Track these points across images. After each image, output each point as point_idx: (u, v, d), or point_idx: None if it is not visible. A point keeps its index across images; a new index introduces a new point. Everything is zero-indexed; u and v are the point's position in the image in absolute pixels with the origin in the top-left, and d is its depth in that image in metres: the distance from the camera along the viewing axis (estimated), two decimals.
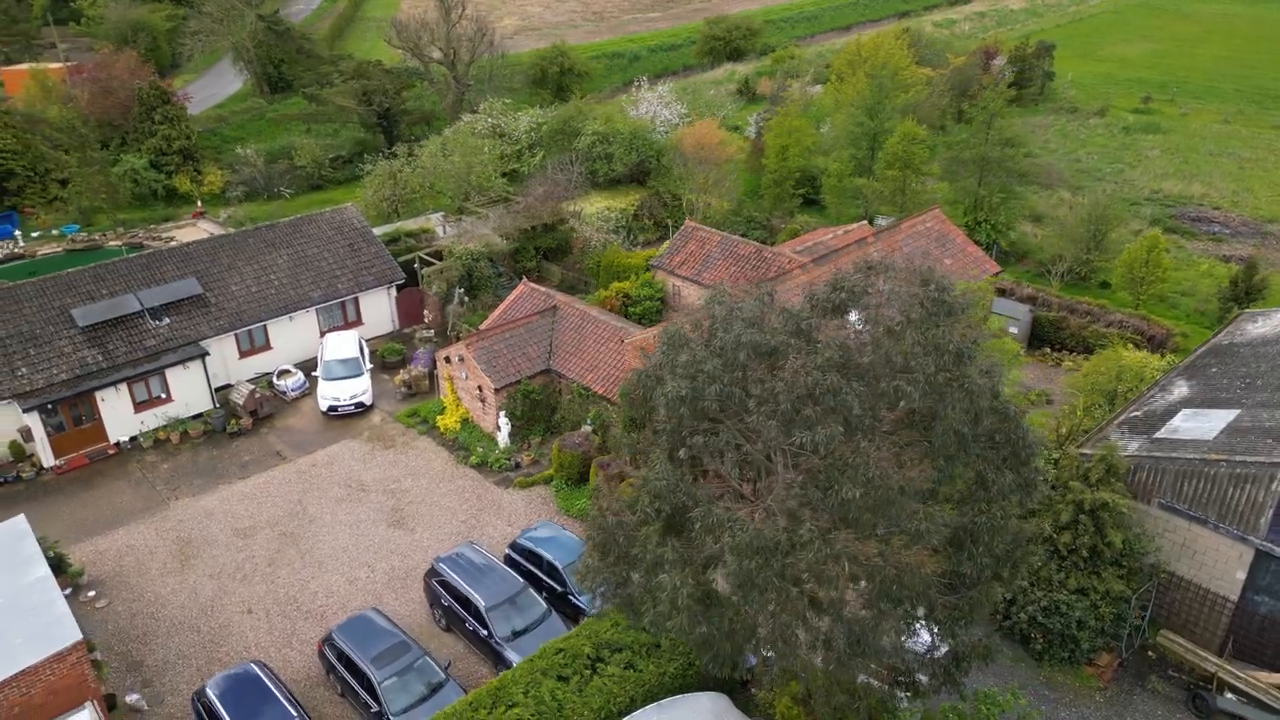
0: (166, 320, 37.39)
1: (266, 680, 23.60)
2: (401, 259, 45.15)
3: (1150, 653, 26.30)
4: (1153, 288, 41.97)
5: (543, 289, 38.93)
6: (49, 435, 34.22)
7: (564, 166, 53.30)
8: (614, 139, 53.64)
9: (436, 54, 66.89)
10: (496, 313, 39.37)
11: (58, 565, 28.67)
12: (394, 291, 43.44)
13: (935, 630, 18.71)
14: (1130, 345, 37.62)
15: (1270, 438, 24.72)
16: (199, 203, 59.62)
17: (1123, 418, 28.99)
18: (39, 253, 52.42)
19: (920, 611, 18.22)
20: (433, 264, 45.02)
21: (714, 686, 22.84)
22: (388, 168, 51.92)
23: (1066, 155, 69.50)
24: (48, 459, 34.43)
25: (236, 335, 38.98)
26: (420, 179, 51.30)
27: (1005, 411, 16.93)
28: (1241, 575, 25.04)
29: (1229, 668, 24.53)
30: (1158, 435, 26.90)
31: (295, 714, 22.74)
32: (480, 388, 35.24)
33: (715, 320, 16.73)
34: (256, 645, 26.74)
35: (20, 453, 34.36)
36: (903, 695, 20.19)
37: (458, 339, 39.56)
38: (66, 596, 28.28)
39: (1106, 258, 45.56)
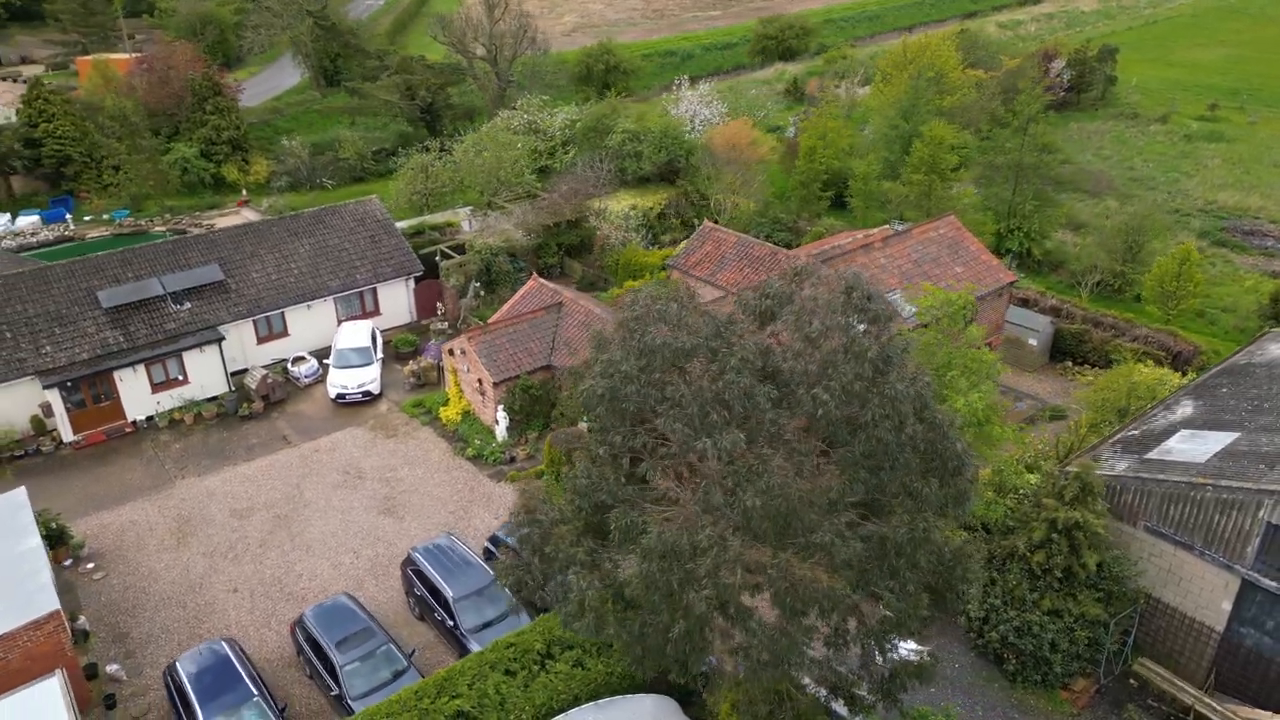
0: (188, 304, 38.61)
1: (234, 658, 24.23)
2: (423, 252, 45.86)
3: (1132, 680, 25.40)
4: (1184, 302, 40.38)
5: (551, 285, 39.14)
6: (68, 411, 35.62)
7: (593, 164, 53.49)
8: (644, 137, 53.61)
9: (480, 50, 67.66)
10: (506, 307, 39.73)
11: (59, 537, 29.89)
12: (412, 283, 44.13)
13: (872, 644, 18.36)
14: (1151, 362, 36.34)
15: (1263, 463, 23.65)
16: (244, 191, 61.37)
17: (1119, 436, 28.01)
18: (88, 235, 54.58)
19: (852, 624, 17.94)
20: (452, 257, 45.61)
21: (666, 690, 22.75)
22: (419, 161, 52.72)
23: (1121, 163, 67.28)
24: (67, 434, 35.86)
25: (255, 321, 40.05)
26: (450, 173, 51.97)
27: (933, 421, 16.52)
28: (1228, 606, 24.02)
29: (1207, 700, 23.57)
30: (1149, 456, 25.94)
31: (256, 693, 23.32)
32: (481, 381, 35.64)
33: (635, 321, 16.66)
34: (237, 623, 27.49)
35: (41, 427, 35.86)
36: (841, 708, 19.89)
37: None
38: (66, 567, 29.69)
39: (1142, 270, 44.00)
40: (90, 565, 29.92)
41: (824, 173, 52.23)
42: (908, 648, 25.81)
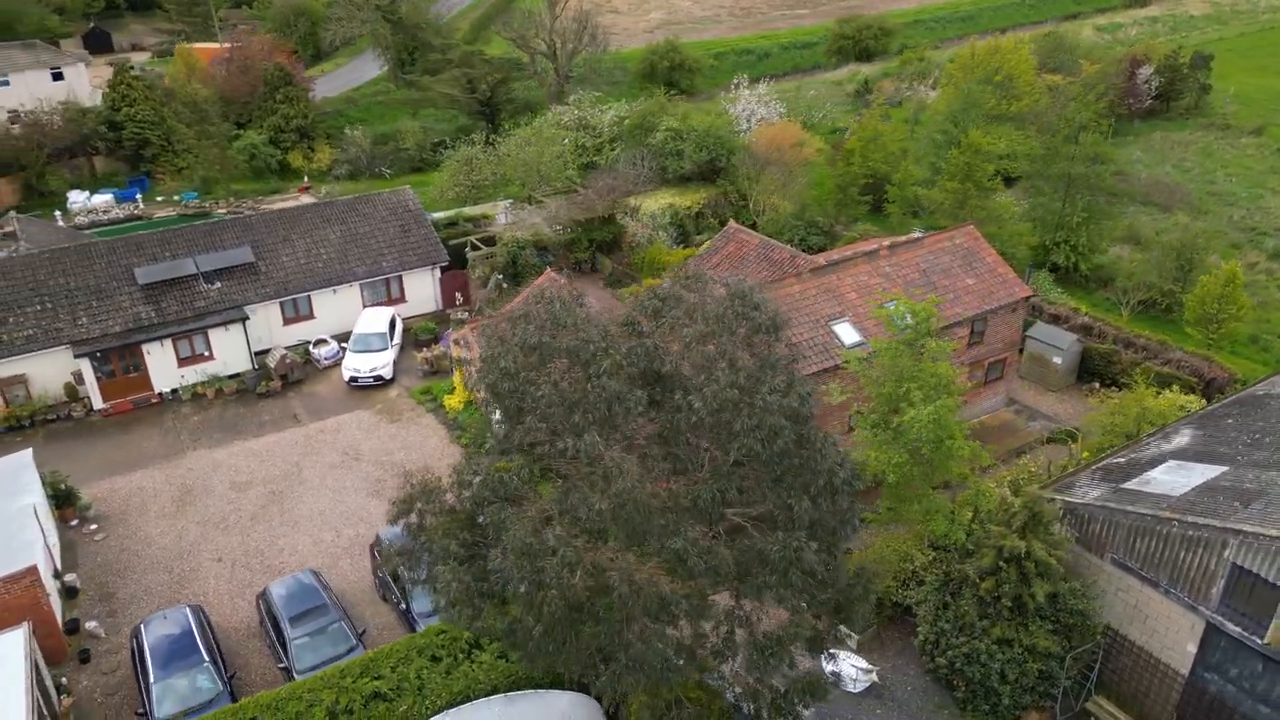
0: (218, 284, 40.36)
1: (193, 624, 25.32)
2: (453, 242, 46.77)
3: (1093, 718, 24.25)
4: (1225, 326, 38.10)
5: (563, 279, 39.42)
6: (98, 380, 37.70)
7: (635, 162, 53.60)
8: (686, 136, 53.42)
9: (541, 46, 68.49)
10: (519, 299, 40.20)
11: (67, 497, 31.71)
12: (438, 273, 45.07)
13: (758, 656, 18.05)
14: (1176, 387, 34.41)
15: (1239, 500, 22.21)
16: (305, 178, 63.67)
17: (1104, 463, 26.69)
18: (155, 215, 57.55)
19: (740, 635, 17.70)
20: (481, 249, 46.39)
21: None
22: (464, 154, 53.75)
23: (1202, 176, 63.80)
24: (97, 402, 37.97)
25: (282, 303, 41.58)
26: (492, 167, 52.82)
27: (808, 437, 16.12)
28: (1192, 649, 22.67)
29: None
30: (1125, 486, 24.63)
31: (207, 659, 24.34)
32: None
33: (520, 319, 16.76)
34: (214, 591, 28.70)
35: (74, 394, 38.04)
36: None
37: None
38: (72, 527, 31.44)
39: (1191, 291, 41.71)
40: (94, 526, 31.65)
41: (864, 176, 51.11)
42: (856, 665, 25.36)
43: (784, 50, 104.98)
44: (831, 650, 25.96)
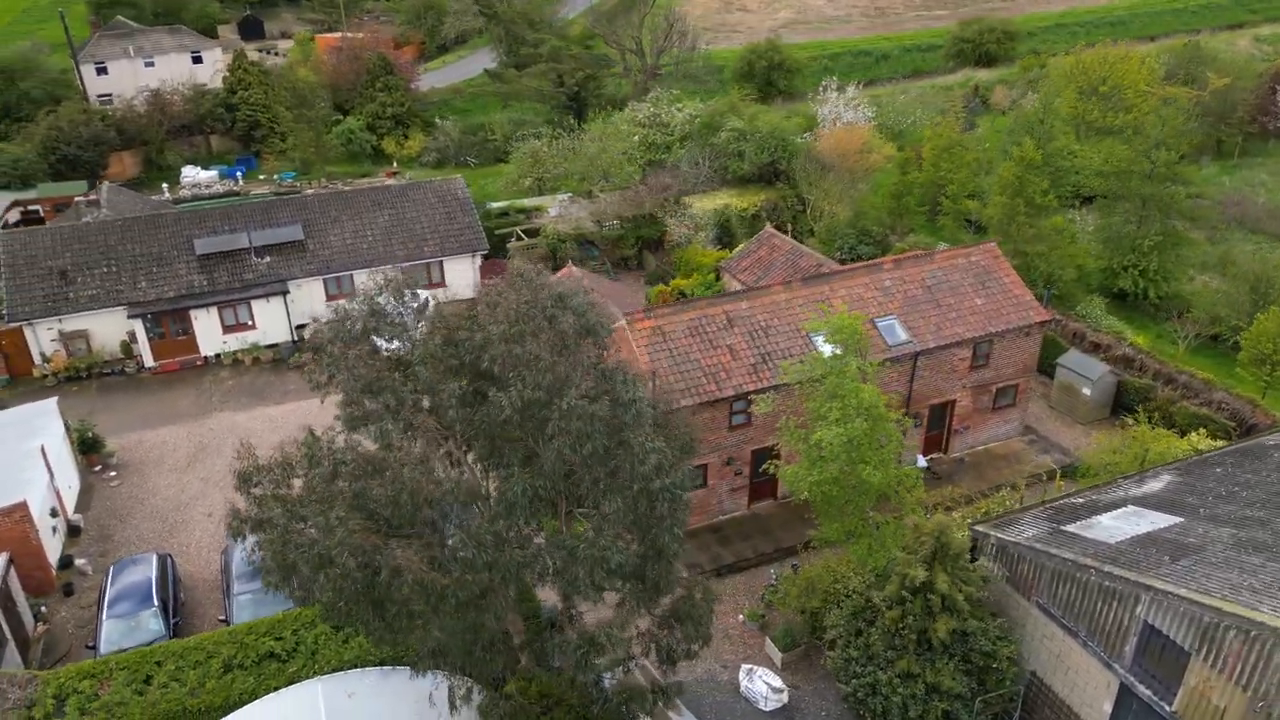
0: (267, 259, 42.95)
1: (154, 571, 27.25)
2: (501, 232, 47.99)
3: None
4: None
5: (579, 273, 39.92)
6: (150, 341, 40.86)
7: (696, 161, 53.46)
8: (750, 137, 52.81)
9: (630, 43, 69.04)
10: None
11: (93, 445, 34.63)
12: (479, 260, 46.37)
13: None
14: (1204, 431, 31.75)
15: (1170, 554, 20.47)
16: (394, 163, 66.57)
17: (1061, 502, 25.03)
18: (251, 192, 61.46)
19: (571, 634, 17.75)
20: (524, 240, 47.42)
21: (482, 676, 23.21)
22: (531, 148, 54.95)
23: None
24: (148, 360, 41.16)
25: (325, 280, 43.80)
26: (555, 160, 53.81)
27: (628, 441, 16.02)
28: (1108, 708, 21.11)
29: None
30: (1066, 527, 23.06)
31: (156, 604, 26.19)
32: None
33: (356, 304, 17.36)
34: (196, 544, 30.78)
35: (128, 351, 41.35)
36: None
37: None
38: (95, 472, 34.28)
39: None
40: (113, 473, 34.45)
41: (918, 185, 49.18)
42: (769, 683, 24.85)
43: (905, 52, 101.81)
44: (749, 666, 25.58)
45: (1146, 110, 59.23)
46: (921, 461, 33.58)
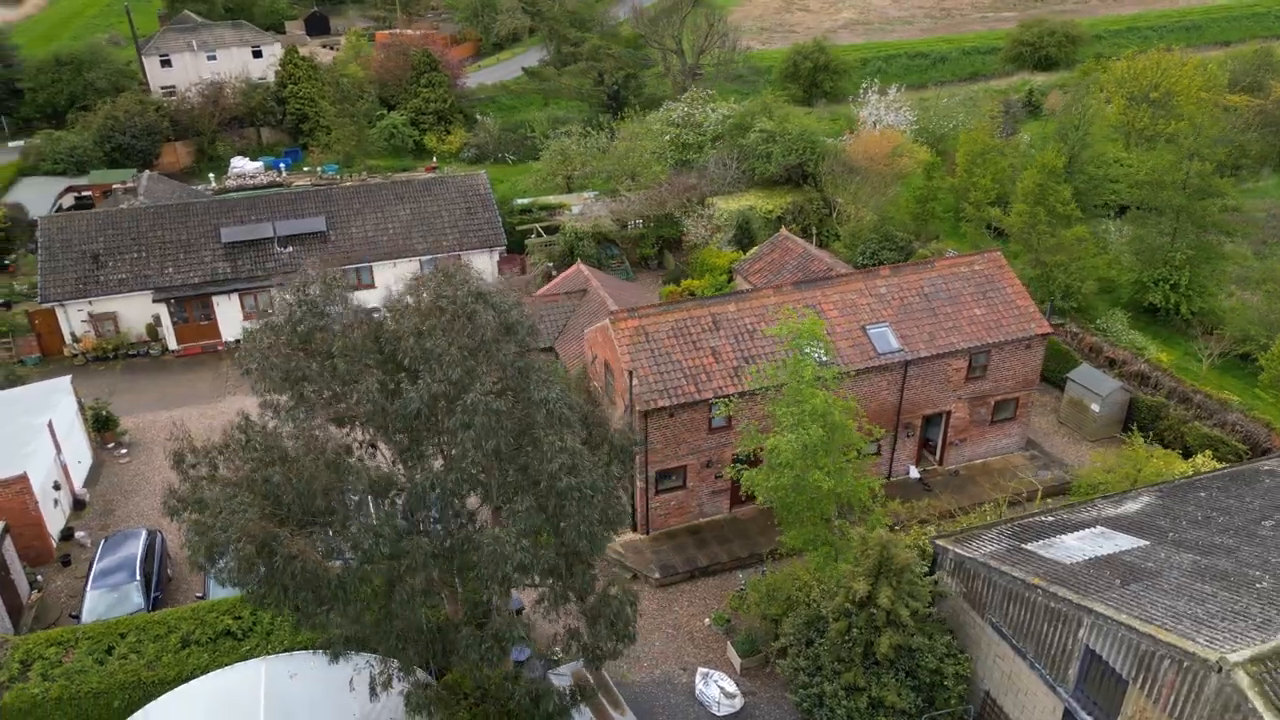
0: (290, 249, 44.08)
1: (141, 546, 28.23)
2: (520, 228, 48.43)
3: None
4: None
5: (587, 271, 40.08)
6: (174, 324, 42.30)
7: (724, 162, 53.21)
8: (778, 138, 52.32)
9: (670, 43, 68.98)
10: (547, 287, 41.28)
11: (107, 423, 35.99)
12: (497, 256, 46.87)
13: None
14: (1209, 452, 30.54)
15: (1122, 578, 19.76)
16: (434, 158, 67.63)
17: (1030, 520, 24.31)
18: (293, 184, 63.06)
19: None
20: (544, 236, 47.78)
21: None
22: (559, 146, 55.32)
23: None
24: (171, 343, 42.62)
25: (344, 271, 44.64)
26: (583, 159, 54.07)
27: (537, 439, 16.10)
28: None
29: None
30: (1026, 545, 22.41)
31: (139, 579, 27.13)
32: None
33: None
34: None
35: (154, 334, 42.86)
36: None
37: None
38: (108, 449, 35.62)
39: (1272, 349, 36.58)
40: (124, 451, 35.77)
41: (941, 190, 48.15)
42: (724, 687, 24.70)
43: (964, 55, 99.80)
44: (705, 670, 25.43)
45: (1199, 118, 57.04)
46: (914, 472, 32.96)
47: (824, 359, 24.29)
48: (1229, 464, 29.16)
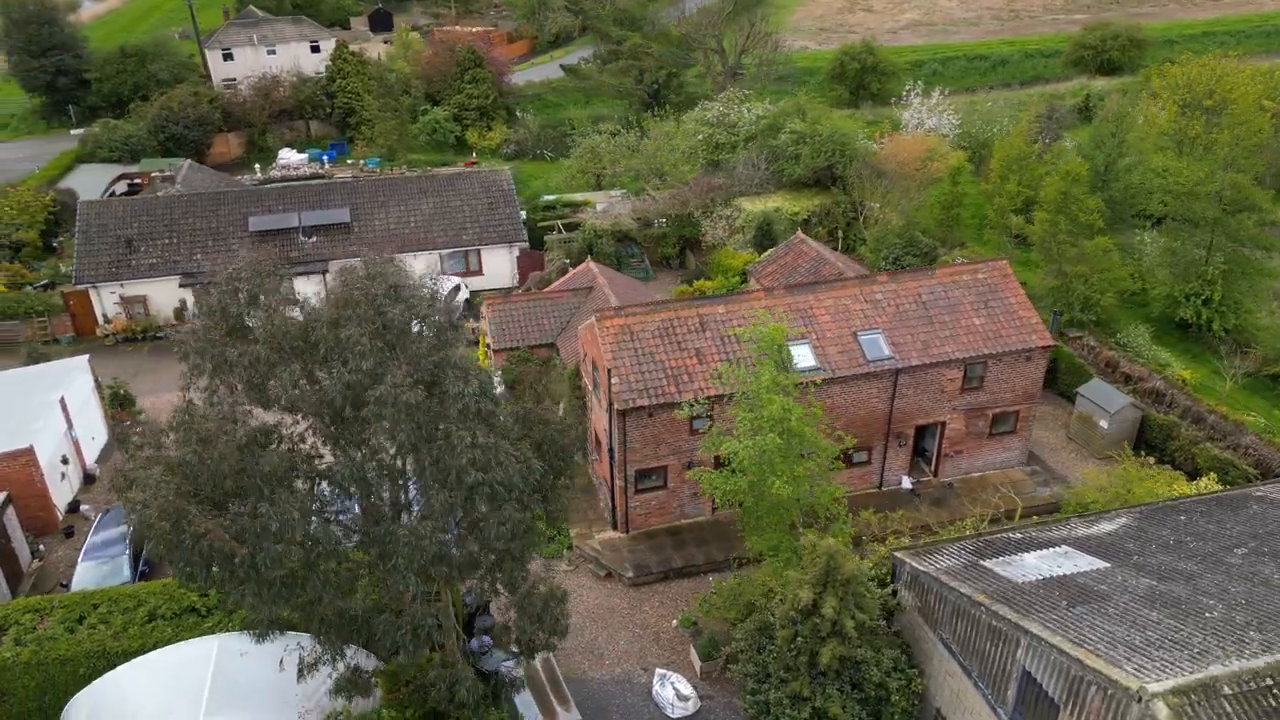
0: (314, 238, 45.16)
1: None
2: (544, 224, 48.79)
3: None
4: None
5: (596, 269, 40.17)
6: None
7: (753, 163, 52.81)
8: (809, 140, 51.69)
9: (712, 42, 68.66)
10: (557, 284, 41.51)
11: (123, 402, 37.33)
12: (516, 251, 47.29)
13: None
14: (1214, 475, 29.35)
15: (1070, 598, 19.13)
16: (474, 154, 68.48)
17: (994, 536, 23.66)
18: (334, 175, 64.50)
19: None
20: (564, 233, 48.06)
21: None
22: (590, 144, 55.53)
23: None
24: None
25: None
26: (613, 157, 54.20)
27: (448, 433, 16.27)
28: None
29: None
30: (984, 562, 21.82)
31: (127, 552, 28.13)
32: (489, 345, 37.99)
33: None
34: None
35: (180, 318, 44.31)
36: None
37: None
38: (126, 426, 36.91)
39: None
40: (138, 429, 37.00)
41: (988, 196, 47.01)
42: (679, 689, 24.64)
43: (1026, 58, 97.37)
44: (663, 671, 25.35)
45: (1239, 129, 54.63)
46: (906, 483, 32.32)
47: (796, 364, 24.00)
48: (1228, 488, 27.93)
